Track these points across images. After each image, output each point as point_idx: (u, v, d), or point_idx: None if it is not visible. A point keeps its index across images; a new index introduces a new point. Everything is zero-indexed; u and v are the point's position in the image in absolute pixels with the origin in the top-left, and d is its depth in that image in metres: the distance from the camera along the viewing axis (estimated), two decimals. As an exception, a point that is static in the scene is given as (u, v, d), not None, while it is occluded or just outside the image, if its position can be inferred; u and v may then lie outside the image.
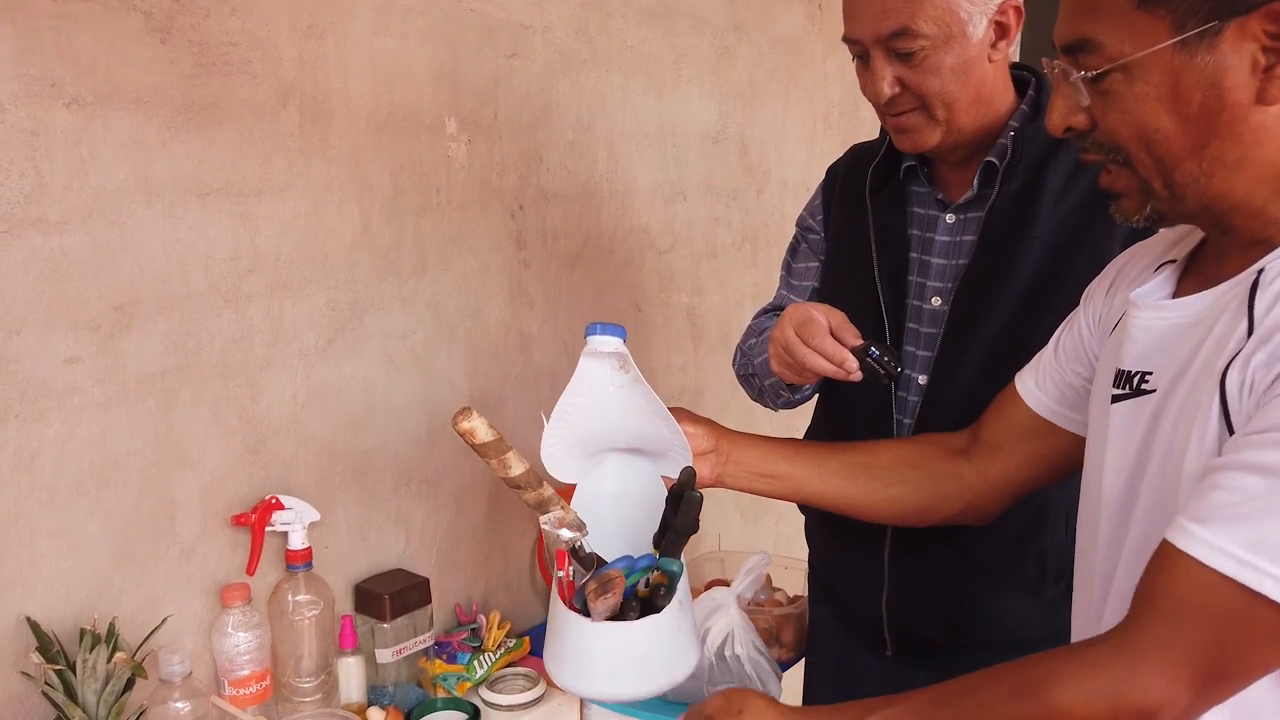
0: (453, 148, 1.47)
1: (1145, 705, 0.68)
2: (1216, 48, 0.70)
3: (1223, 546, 0.66)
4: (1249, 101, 0.71)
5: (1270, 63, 0.69)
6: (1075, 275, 1.14)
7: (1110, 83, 0.74)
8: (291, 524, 1.26)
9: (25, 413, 1.06)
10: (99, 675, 1.03)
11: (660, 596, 0.98)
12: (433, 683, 1.41)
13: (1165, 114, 0.73)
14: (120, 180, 1.11)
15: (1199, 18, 0.69)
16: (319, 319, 1.33)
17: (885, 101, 1.15)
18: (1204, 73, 0.70)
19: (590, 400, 0.99)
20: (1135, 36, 0.71)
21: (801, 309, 1.19)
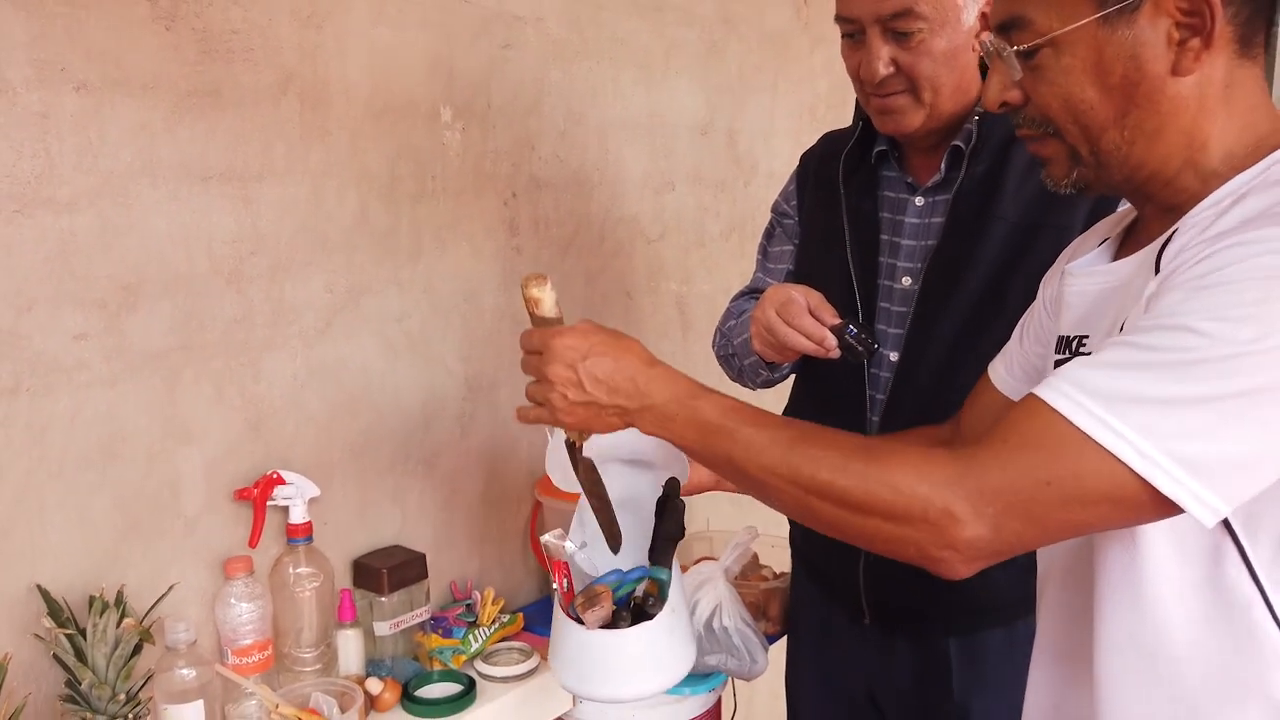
0: (448, 136, 1.51)
1: (950, 515, 0.73)
2: (1135, 22, 0.76)
3: (1069, 393, 0.71)
4: (1165, 73, 0.76)
5: (1183, 37, 0.75)
6: (1039, 254, 1.19)
7: (1040, 58, 0.79)
8: (292, 499, 1.30)
9: (36, 387, 1.10)
10: (108, 639, 1.06)
11: (651, 605, 1.03)
12: (429, 656, 1.45)
13: (1090, 85, 0.78)
14: (127, 163, 1.15)
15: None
16: (318, 301, 1.36)
17: (878, 82, 1.19)
18: (1124, 46, 0.76)
19: None
20: (1062, 13, 0.77)
21: (782, 290, 1.24)
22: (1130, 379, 0.70)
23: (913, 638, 1.33)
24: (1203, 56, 0.76)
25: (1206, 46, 0.75)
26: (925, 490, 0.74)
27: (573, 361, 0.92)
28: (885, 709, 1.41)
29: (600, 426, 0.94)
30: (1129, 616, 0.80)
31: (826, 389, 1.34)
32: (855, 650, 1.38)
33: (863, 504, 0.77)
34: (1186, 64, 0.76)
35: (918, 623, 1.30)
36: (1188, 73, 0.76)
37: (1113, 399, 0.70)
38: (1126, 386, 0.70)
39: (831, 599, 1.43)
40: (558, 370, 0.93)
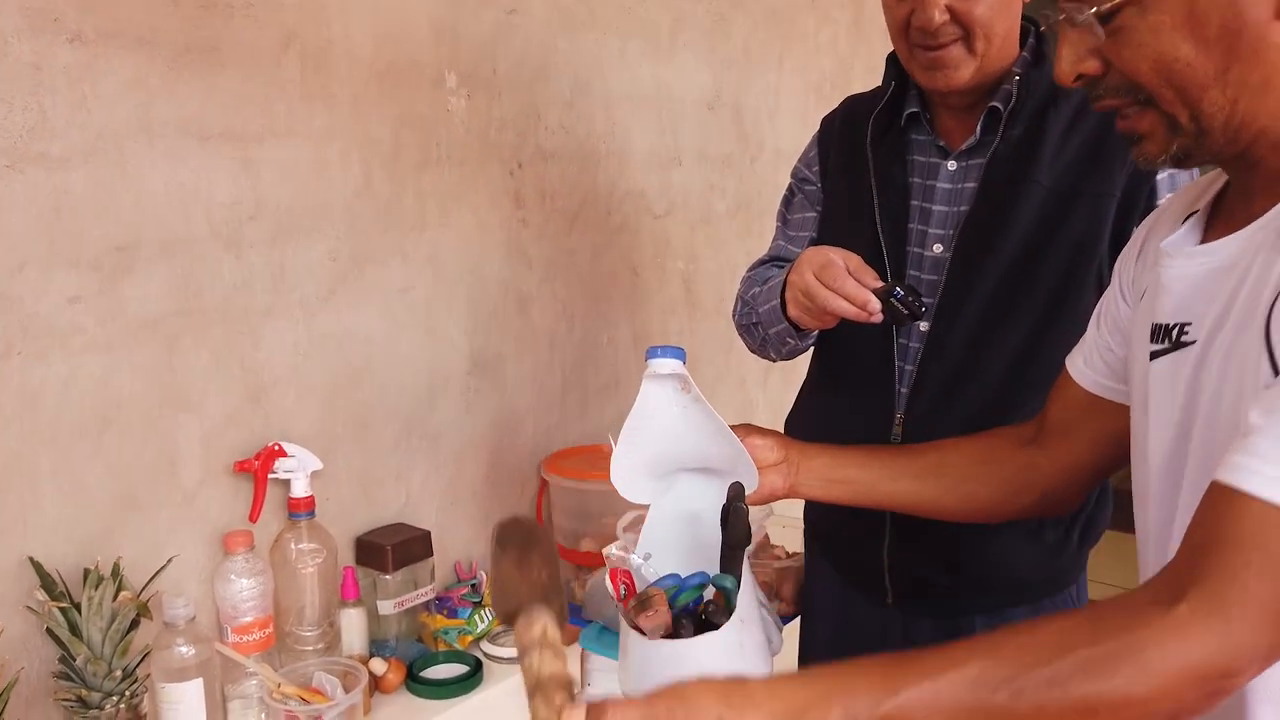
0: (453, 102, 1.47)
1: (1238, 665, 0.62)
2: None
3: (1274, 475, 0.61)
4: (1269, 18, 0.68)
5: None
6: (1076, 222, 1.16)
7: (1124, 17, 0.71)
8: (294, 472, 1.25)
9: (28, 351, 1.05)
10: (104, 613, 1.02)
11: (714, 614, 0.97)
12: (434, 637, 1.41)
13: (1184, 41, 0.70)
14: (122, 120, 1.10)
15: None
16: (320, 269, 1.32)
17: (934, 29, 1.15)
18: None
19: (655, 421, 0.99)
20: None
21: (820, 252, 1.18)
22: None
23: (937, 618, 1.29)
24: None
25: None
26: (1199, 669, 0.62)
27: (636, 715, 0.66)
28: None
29: None
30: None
31: (851, 360, 1.30)
32: (876, 633, 1.34)
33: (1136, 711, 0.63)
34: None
35: (942, 603, 1.27)
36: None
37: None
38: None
39: (851, 580, 1.39)
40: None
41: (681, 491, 1.05)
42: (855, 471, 1.06)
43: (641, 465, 1.02)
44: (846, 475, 1.06)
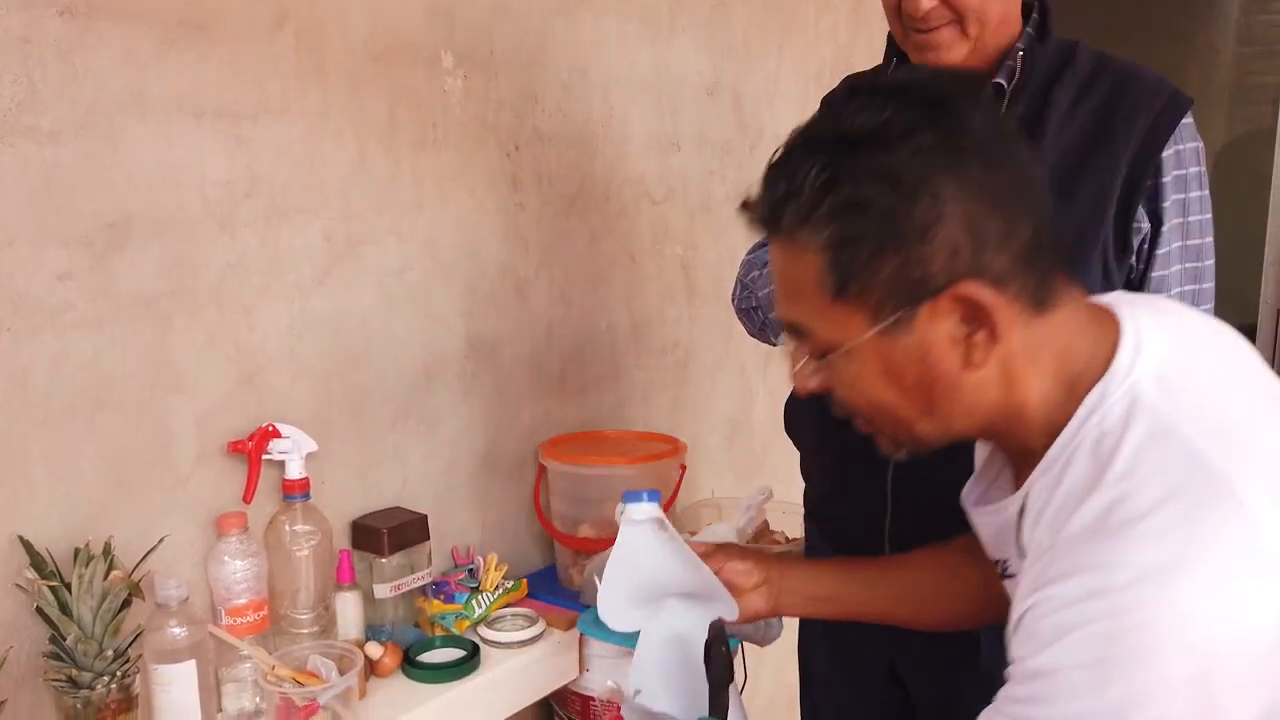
0: (449, 82, 1.45)
1: None
2: (914, 329, 0.72)
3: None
4: (958, 369, 0.74)
5: (969, 332, 0.72)
6: (1081, 199, 1.15)
7: (832, 361, 0.77)
8: (289, 453, 1.24)
9: (18, 328, 1.04)
10: (95, 592, 1.01)
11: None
12: (430, 622, 1.40)
13: (886, 388, 0.76)
14: (114, 94, 1.09)
15: (891, 306, 0.72)
16: (315, 250, 1.31)
17: (923, 15, 1.14)
18: (910, 351, 0.73)
19: (636, 559, 1.06)
20: (839, 326, 0.74)
21: None
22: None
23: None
24: (992, 346, 0.73)
25: (994, 339, 0.72)
26: None
27: None
28: (906, 679, 1.36)
29: None
30: None
31: None
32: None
33: None
34: (977, 358, 0.73)
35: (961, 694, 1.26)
36: (981, 365, 0.73)
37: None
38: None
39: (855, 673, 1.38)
40: None
41: (668, 617, 1.11)
42: (834, 588, 1.11)
43: (626, 598, 1.09)
44: (826, 593, 1.11)
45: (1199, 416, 0.70)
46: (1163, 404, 0.70)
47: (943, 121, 0.71)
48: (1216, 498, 0.66)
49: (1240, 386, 0.76)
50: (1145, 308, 0.78)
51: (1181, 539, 0.65)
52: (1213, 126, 4.40)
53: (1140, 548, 0.66)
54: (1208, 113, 4.49)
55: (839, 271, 0.72)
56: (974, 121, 0.71)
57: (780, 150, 0.76)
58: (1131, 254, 1.17)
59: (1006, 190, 0.72)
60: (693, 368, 2.01)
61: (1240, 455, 0.68)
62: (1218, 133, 4.39)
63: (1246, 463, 0.67)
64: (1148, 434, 0.69)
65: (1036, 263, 0.73)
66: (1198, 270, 1.20)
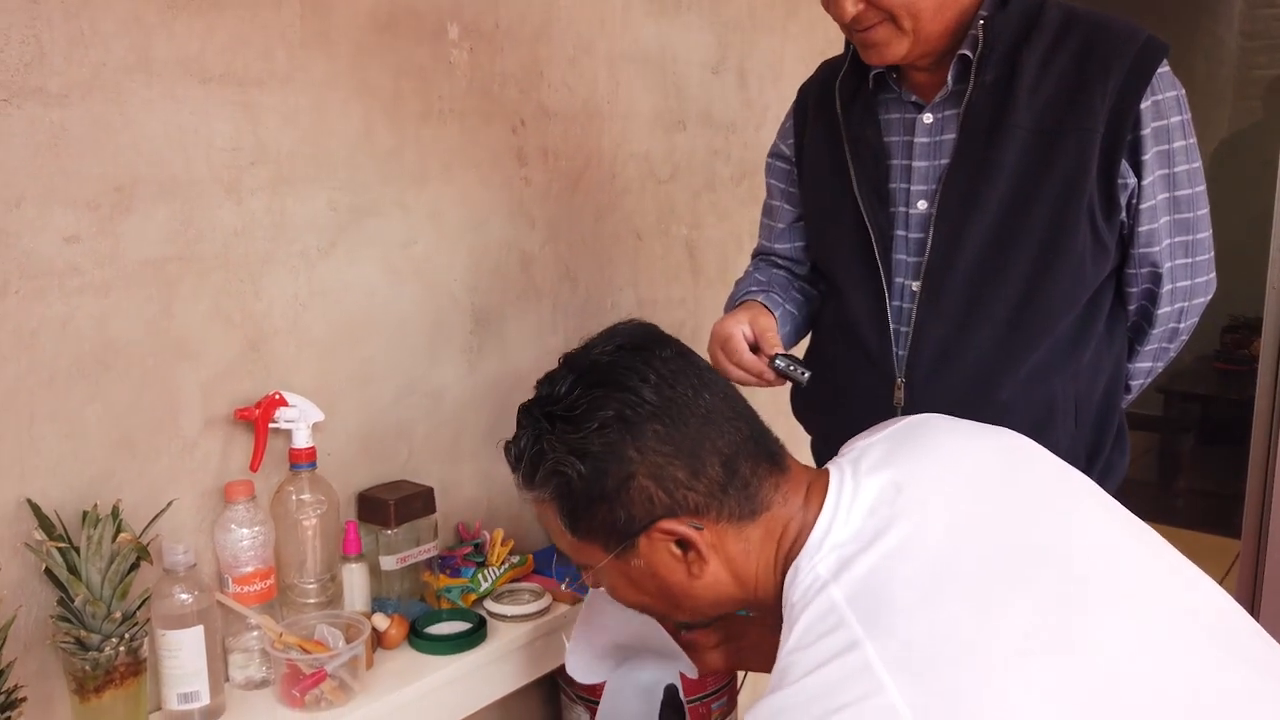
0: (455, 54, 1.45)
1: None
2: (639, 553, 0.89)
3: None
4: (686, 579, 0.90)
5: (682, 553, 0.88)
6: (1061, 162, 1.13)
7: (596, 576, 0.95)
8: (295, 422, 1.24)
9: (25, 289, 1.03)
10: (103, 553, 1.00)
11: None
12: (436, 596, 1.40)
13: (637, 595, 0.94)
14: (121, 57, 1.09)
15: (615, 540, 0.89)
16: (321, 219, 1.30)
17: (851, 19, 1.14)
18: (642, 570, 0.90)
19: (604, 619, 1.16)
20: (585, 554, 0.93)
21: (724, 327, 1.26)
22: None
23: None
24: (706, 561, 0.88)
25: (703, 559, 0.88)
26: None
27: None
28: None
29: None
30: None
31: (852, 321, 1.29)
32: None
33: None
34: (697, 570, 0.89)
35: None
36: (701, 575, 0.89)
37: None
38: None
39: None
40: None
41: (632, 670, 1.23)
42: None
43: (592, 653, 1.20)
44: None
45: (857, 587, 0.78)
46: (834, 583, 0.79)
47: (617, 396, 0.87)
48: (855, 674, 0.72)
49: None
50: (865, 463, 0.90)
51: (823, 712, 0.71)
52: (1216, 118, 4.40)
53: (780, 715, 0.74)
54: (1212, 104, 4.49)
55: (567, 517, 0.90)
56: (646, 393, 0.87)
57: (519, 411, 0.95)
58: (1120, 211, 1.16)
59: (687, 439, 0.87)
60: (697, 348, 1.99)
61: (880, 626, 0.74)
62: (1221, 124, 4.38)
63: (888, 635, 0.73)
64: (811, 615, 0.78)
65: (734, 484, 0.88)
66: (1188, 221, 1.18)
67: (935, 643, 0.72)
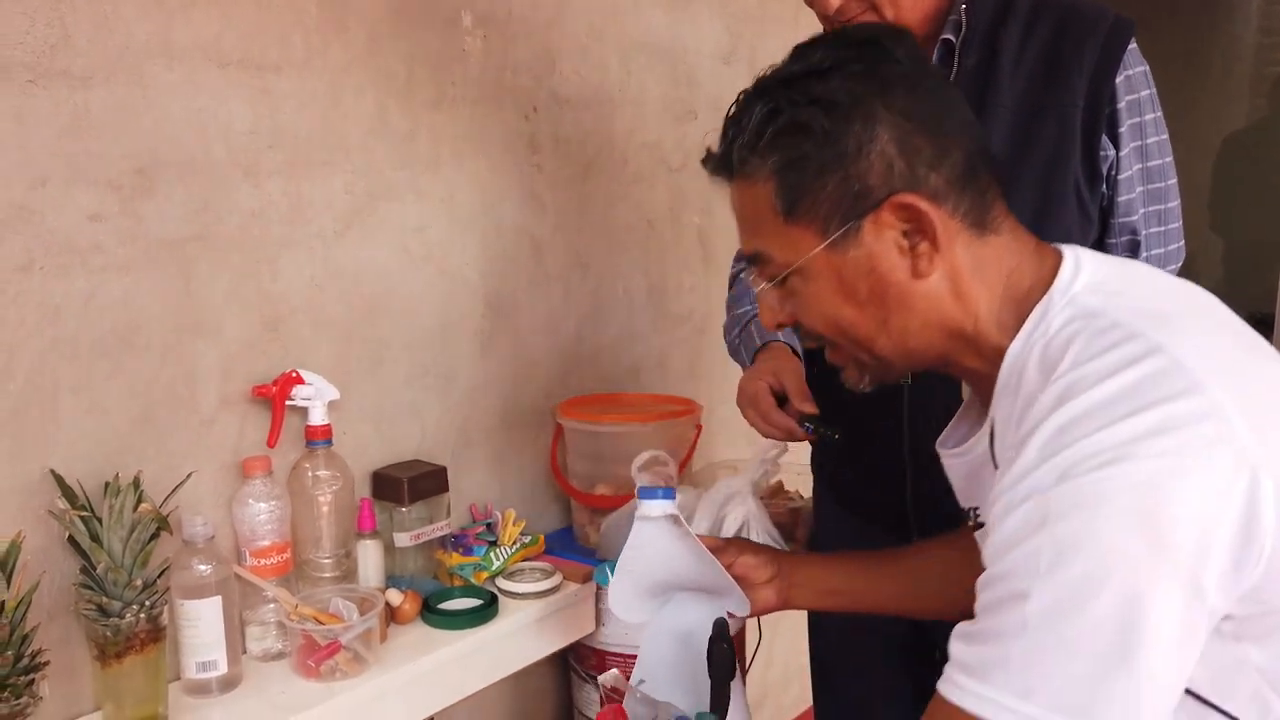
0: (468, 42, 1.47)
1: None
2: (861, 242, 0.78)
3: (952, 677, 0.71)
4: (907, 278, 0.79)
5: (912, 243, 0.78)
6: (1045, 138, 1.16)
7: (790, 285, 0.82)
8: (311, 400, 1.26)
9: (50, 266, 1.06)
10: (124, 522, 1.03)
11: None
12: (449, 574, 1.42)
13: (843, 304, 0.81)
14: (142, 41, 1.11)
15: (837, 221, 0.78)
16: (336, 202, 1.33)
17: (835, 10, 1.17)
18: (860, 264, 0.79)
19: (649, 554, 1.08)
20: (793, 246, 0.80)
21: (750, 384, 1.28)
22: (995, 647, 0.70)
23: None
24: (935, 257, 0.78)
25: (936, 248, 0.78)
26: None
27: None
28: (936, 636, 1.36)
29: None
30: None
31: None
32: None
33: None
34: (923, 267, 0.78)
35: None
36: (927, 274, 0.79)
37: (989, 674, 0.70)
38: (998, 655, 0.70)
39: (868, 519, 1.38)
40: None
41: (674, 609, 1.15)
42: (845, 582, 1.13)
43: (636, 590, 1.12)
44: (837, 586, 1.13)
45: (1138, 310, 0.73)
46: (1102, 306, 0.74)
47: (870, 55, 0.79)
48: (1163, 372, 0.67)
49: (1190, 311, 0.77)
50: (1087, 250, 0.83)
51: (1129, 410, 0.66)
52: (1231, 113, 4.38)
53: (1089, 427, 0.67)
54: (1227, 100, 4.46)
55: (787, 194, 0.78)
56: (899, 54, 0.79)
57: (733, 104, 0.85)
58: (1102, 182, 1.19)
59: (934, 116, 0.78)
60: (708, 336, 2.02)
61: (1180, 337, 0.70)
62: (1236, 119, 4.36)
63: (1186, 343, 0.69)
64: (1090, 332, 0.72)
65: (972, 186, 0.79)
66: (1160, 191, 1.22)
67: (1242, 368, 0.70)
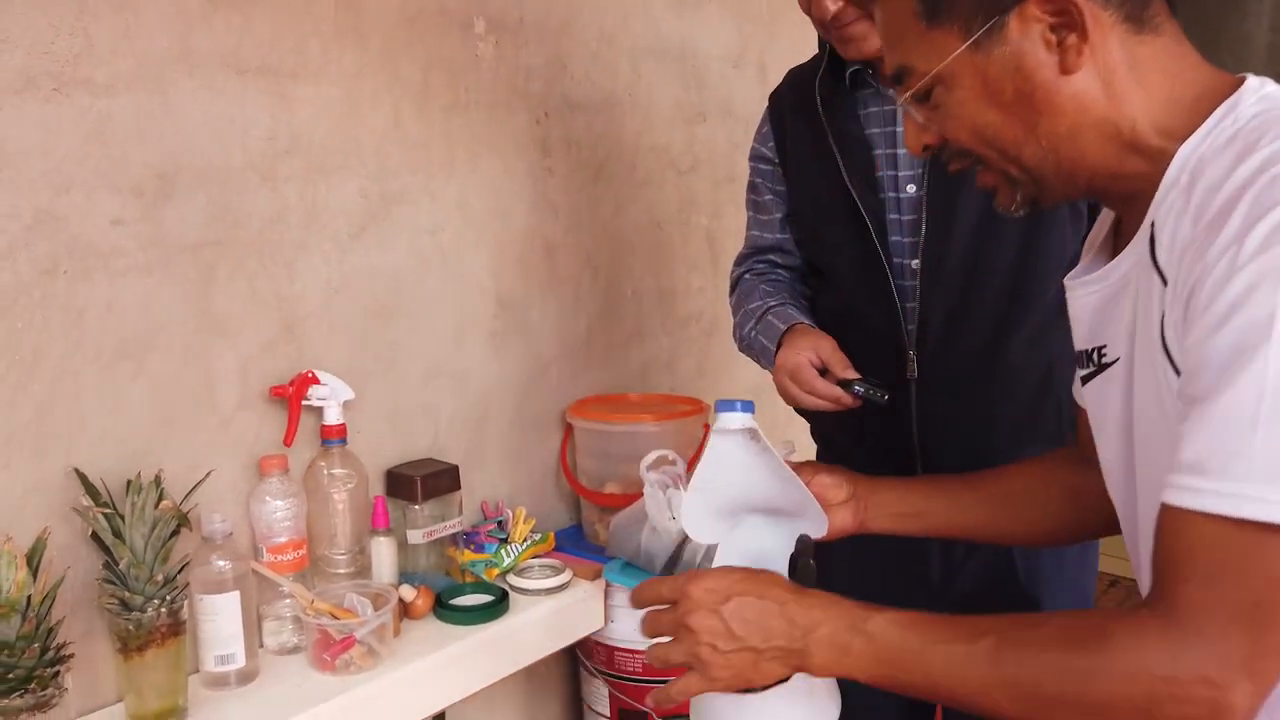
0: (481, 47, 1.50)
1: (1206, 671, 0.64)
2: (1007, 38, 0.74)
3: (1208, 488, 0.64)
4: (1055, 76, 0.75)
5: (1060, 37, 0.74)
6: None
7: (935, 97, 0.80)
8: (327, 400, 1.29)
9: (74, 270, 1.09)
10: (146, 519, 1.06)
11: None
12: (461, 571, 1.45)
13: (989, 109, 0.77)
14: (164, 49, 1.14)
15: (980, 19, 0.75)
16: (351, 206, 1.36)
17: (833, 16, 1.19)
18: (1005, 62, 0.75)
19: (724, 470, 1.04)
20: (935, 51, 0.77)
21: (790, 358, 1.27)
22: (1228, 436, 0.63)
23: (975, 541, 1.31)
24: (1085, 50, 0.74)
25: (1085, 40, 0.73)
26: (1167, 669, 0.65)
27: (716, 605, 0.81)
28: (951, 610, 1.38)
29: (760, 679, 0.83)
30: None
31: (852, 304, 1.33)
32: (914, 567, 1.36)
33: (1104, 706, 0.67)
34: (1071, 61, 0.74)
35: None
36: (1076, 69, 0.74)
37: (1228, 467, 0.63)
38: (1232, 445, 0.63)
39: None
40: (702, 619, 0.81)
41: (749, 532, 1.09)
42: (923, 504, 1.09)
43: (710, 508, 1.06)
44: (915, 508, 1.08)
45: None
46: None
47: None
48: None
49: None
50: None
51: None
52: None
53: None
54: (1239, 98, 4.44)
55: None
56: None
57: None
58: None
59: None
60: (717, 337, 2.04)
61: None
62: (1249, 118, 4.35)
63: None
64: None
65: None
66: None
67: None
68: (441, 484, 1.41)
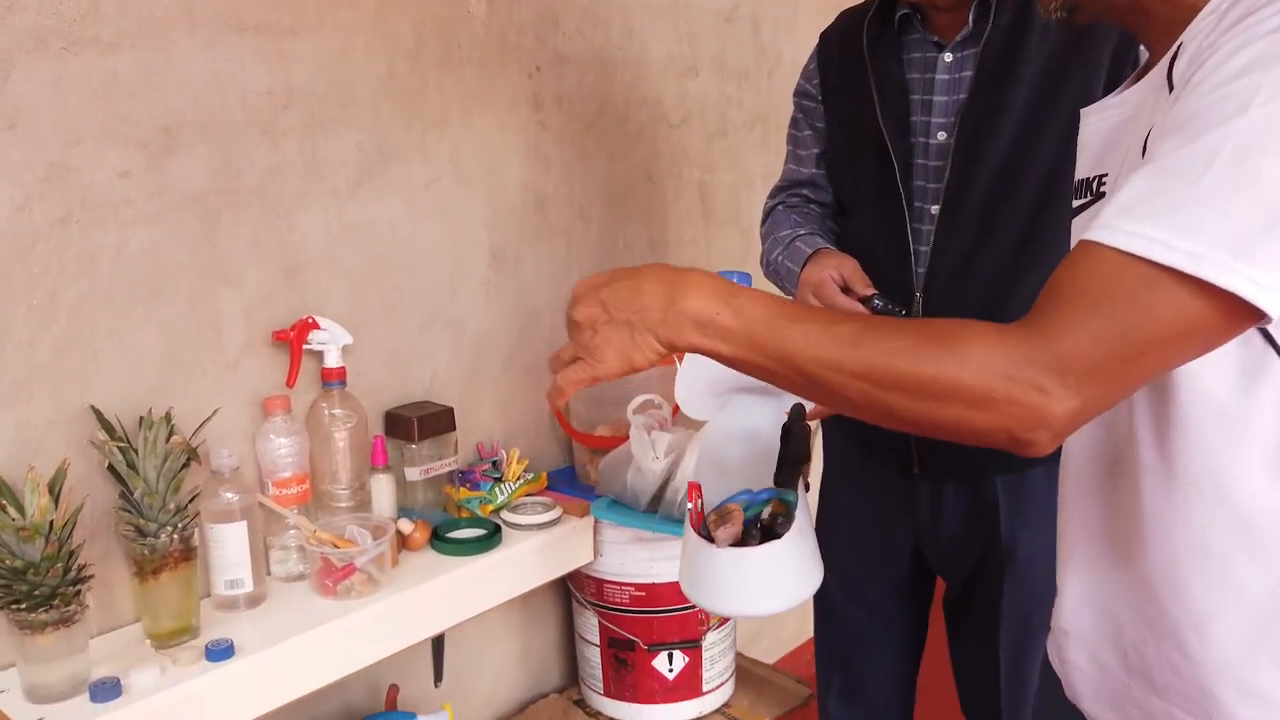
0: (473, 3, 1.54)
1: (1040, 391, 0.66)
2: None
3: (1113, 224, 0.65)
4: None
5: None
6: (1069, 95, 1.23)
7: None
8: (327, 344, 1.36)
9: (85, 219, 1.16)
10: (158, 452, 1.14)
11: (779, 524, 1.05)
12: (456, 507, 1.53)
13: None
14: (166, 9, 1.20)
15: None
16: (349, 159, 1.41)
17: None
18: None
19: None
20: None
21: (814, 274, 1.34)
22: (1168, 186, 0.64)
23: (961, 480, 1.38)
24: None
25: None
26: (1010, 369, 0.67)
27: (595, 288, 0.83)
28: (931, 556, 1.46)
29: (640, 357, 0.82)
30: None
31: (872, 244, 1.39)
32: (902, 503, 1.43)
33: (944, 392, 0.69)
34: None
35: (966, 466, 1.35)
36: None
37: (1156, 212, 0.64)
38: (1167, 195, 0.64)
39: (874, 456, 1.47)
40: (584, 309, 0.82)
41: (737, 410, 1.14)
42: None
43: (704, 384, 1.10)
44: None
45: None
46: None
47: None
48: None
49: None
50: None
51: None
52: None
53: None
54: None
55: None
56: None
57: None
58: None
59: None
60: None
61: None
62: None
63: None
64: None
65: None
66: None
67: None
68: (438, 424, 1.49)
